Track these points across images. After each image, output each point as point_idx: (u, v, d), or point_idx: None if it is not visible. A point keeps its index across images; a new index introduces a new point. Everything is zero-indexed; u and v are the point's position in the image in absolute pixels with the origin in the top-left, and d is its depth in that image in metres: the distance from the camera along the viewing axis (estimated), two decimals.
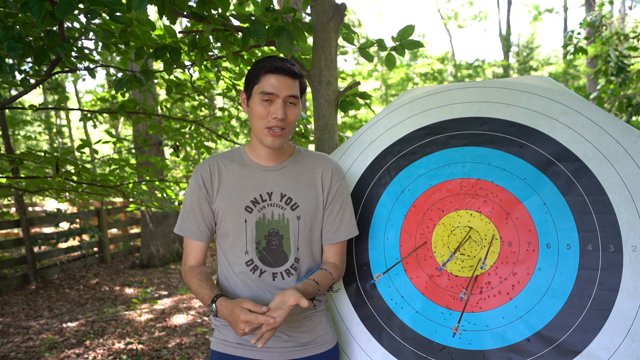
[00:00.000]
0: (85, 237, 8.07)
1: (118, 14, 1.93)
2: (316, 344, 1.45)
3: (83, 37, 2.58)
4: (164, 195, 3.99)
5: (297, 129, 3.52)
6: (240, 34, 2.24)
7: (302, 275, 1.46)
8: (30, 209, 10.55)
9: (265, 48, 3.14)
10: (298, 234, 1.43)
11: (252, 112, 1.38)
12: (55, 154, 2.96)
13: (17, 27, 2.12)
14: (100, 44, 2.71)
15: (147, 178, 3.86)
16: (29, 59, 2.39)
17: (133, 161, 8.75)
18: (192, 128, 4.28)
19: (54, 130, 15.70)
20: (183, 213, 1.45)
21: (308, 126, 3.45)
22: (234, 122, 4.95)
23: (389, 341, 1.52)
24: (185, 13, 2.20)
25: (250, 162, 1.45)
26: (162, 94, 8.70)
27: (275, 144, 1.38)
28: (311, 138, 3.56)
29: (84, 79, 13.97)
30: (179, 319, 4.90)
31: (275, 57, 1.37)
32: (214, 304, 1.29)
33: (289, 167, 1.46)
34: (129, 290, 6.32)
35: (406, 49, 2.26)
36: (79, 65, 2.57)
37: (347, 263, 1.62)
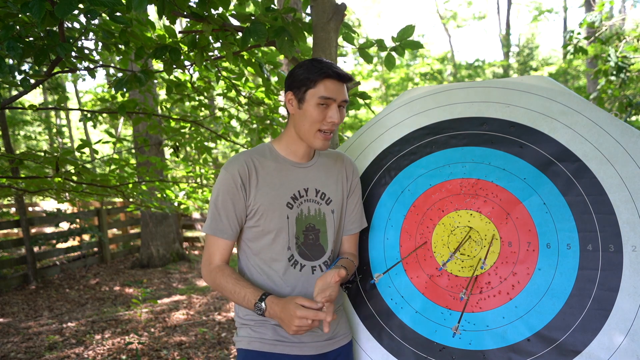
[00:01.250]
0: (85, 237, 8.07)
1: (118, 14, 1.93)
2: (339, 337, 1.51)
3: (83, 37, 2.58)
4: (164, 195, 3.99)
5: None
6: (240, 34, 2.24)
7: None
8: (30, 209, 10.54)
9: (265, 48, 3.14)
10: (334, 227, 1.51)
11: (304, 115, 1.39)
12: (55, 154, 2.96)
13: (17, 27, 2.11)
14: (100, 44, 2.71)
15: (147, 178, 3.86)
16: (29, 59, 2.39)
17: (133, 161, 8.75)
18: (192, 128, 4.27)
19: (54, 130, 15.70)
20: (214, 211, 1.41)
21: None
22: (233, 123, 4.95)
23: (389, 341, 1.52)
24: (185, 13, 2.20)
25: (284, 159, 1.47)
26: (162, 94, 8.70)
27: (325, 146, 1.42)
28: None
29: (84, 79, 13.97)
30: (179, 319, 4.90)
31: (331, 63, 1.39)
32: (262, 303, 1.29)
33: (317, 164, 1.51)
34: (129, 290, 6.32)
35: (406, 49, 2.27)
36: (78, 65, 2.57)
37: None
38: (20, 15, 2.07)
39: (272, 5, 2.31)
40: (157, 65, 4.01)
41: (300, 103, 1.39)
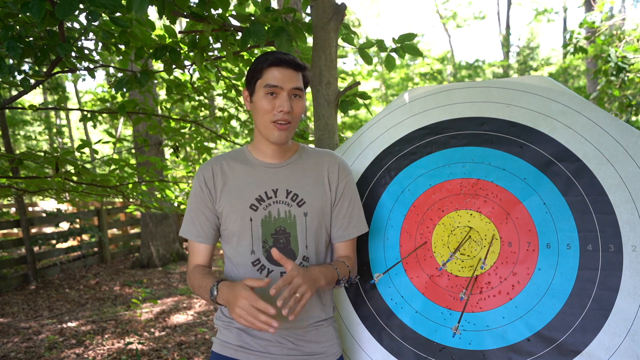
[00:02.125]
0: (85, 237, 8.07)
1: (118, 14, 1.93)
2: (320, 355, 1.40)
3: (83, 37, 2.58)
4: (164, 195, 3.99)
5: (296, 130, 3.52)
6: (240, 34, 2.24)
7: None
8: (30, 209, 10.54)
9: (265, 48, 3.14)
10: (306, 230, 1.40)
11: (256, 108, 1.36)
12: (55, 154, 2.96)
13: (17, 27, 2.12)
14: (100, 44, 2.72)
15: (147, 178, 3.86)
16: (29, 59, 2.39)
17: (133, 161, 8.75)
18: (192, 128, 4.27)
19: (54, 130, 15.70)
20: (187, 215, 1.43)
21: (310, 124, 3.45)
22: (233, 123, 4.95)
23: (389, 341, 1.52)
24: (185, 13, 2.20)
25: (254, 160, 1.42)
26: (162, 94, 8.70)
27: (281, 138, 1.34)
28: (310, 138, 3.56)
29: (84, 79, 13.97)
30: (179, 319, 4.90)
31: (277, 51, 1.35)
32: (215, 288, 1.25)
33: (293, 164, 1.44)
34: (129, 290, 6.32)
35: (406, 53, 2.27)
36: (78, 66, 2.57)
37: None
38: (20, 15, 2.07)
39: (272, 6, 2.31)
40: (157, 65, 4.01)
41: (252, 95, 1.37)
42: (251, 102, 1.38)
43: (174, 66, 2.63)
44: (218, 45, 2.60)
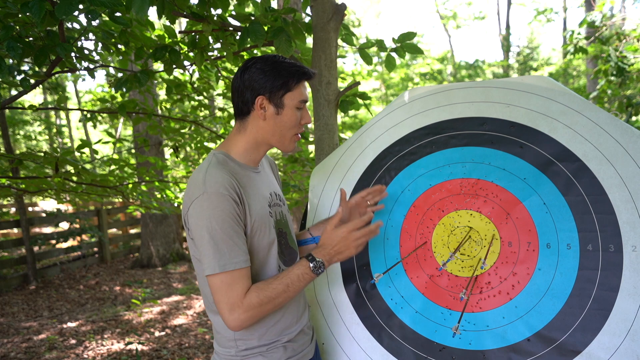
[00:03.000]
0: (85, 237, 8.07)
1: (118, 14, 1.93)
2: (314, 336, 1.51)
3: (83, 38, 2.57)
4: (164, 196, 3.99)
5: None
6: (239, 34, 2.24)
7: None
8: (30, 209, 10.55)
9: (264, 48, 3.14)
10: (292, 227, 1.48)
11: (282, 121, 1.30)
12: (55, 154, 2.96)
13: (17, 27, 2.11)
14: (100, 44, 2.72)
15: (147, 178, 3.86)
16: (29, 59, 2.39)
17: (133, 161, 8.75)
18: (192, 128, 4.28)
19: (54, 130, 15.71)
20: (227, 242, 1.18)
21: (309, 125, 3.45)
22: (233, 122, 4.94)
23: (389, 341, 1.52)
24: (184, 13, 2.20)
25: (246, 166, 1.35)
26: (161, 94, 8.70)
27: (296, 148, 1.37)
28: (310, 139, 3.56)
29: (83, 79, 13.98)
30: (178, 320, 4.90)
31: (301, 65, 1.31)
32: (315, 262, 1.24)
33: (262, 167, 1.44)
34: (129, 290, 6.32)
35: (407, 52, 2.27)
36: (78, 66, 2.57)
37: (347, 263, 1.64)
38: (20, 16, 2.07)
39: (272, 7, 2.31)
40: (157, 65, 4.02)
41: (278, 108, 1.29)
42: (276, 114, 1.30)
43: (174, 66, 2.63)
44: (218, 45, 2.60)
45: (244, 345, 1.30)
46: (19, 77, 2.37)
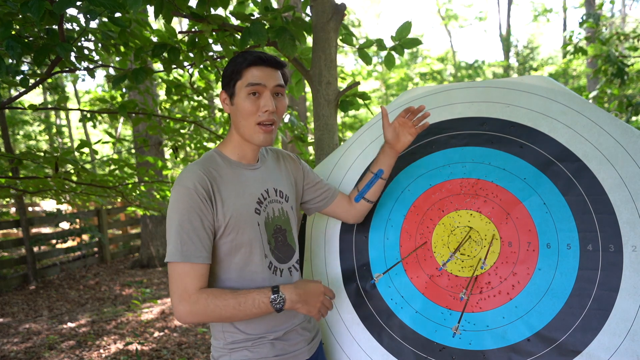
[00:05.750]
0: (85, 237, 8.07)
1: (118, 14, 1.92)
2: (318, 335, 1.50)
3: (82, 38, 2.57)
4: (164, 197, 3.98)
5: (295, 132, 3.52)
6: (239, 34, 2.24)
7: (302, 270, 1.49)
8: (30, 209, 10.54)
9: (266, 48, 3.13)
10: (296, 224, 1.47)
11: (238, 110, 1.31)
12: (55, 154, 2.96)
13: (17, 26, 2.11)
14: (99, 44, 2.71)
15: (147, 179, 3.86)
16: (29, 59, 2.39)
17: (133, 161, 8.75)
18: (192, 129, 4.27)
19: (54, 130, 15.71)
20: (181, 234, 1.21)
21: (308, 125, 3.45)
22: None
23: (389, 341, 1.52)
24: (184, 13, 2.19)
25: (237, 163, 1.35)
26: (161, 94, 8.70)
27: (267, 140, 1.33)
28: (310, 139, 3.55)
29: (83, 79, 13.97)
30: None
31: (253, 51, 1.32)
32: (278, 294, 1.21)
33: (264, 162, 1.43)
34: (129, 291, 6.32)
35: (405, 47, 2.26)
36: (78, 66, 2.56)
37: (347, 263, 1.64)
38: (19, 15, 2.07)
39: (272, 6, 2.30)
40: (157, 66, 4.02)
41: (232, 98, 1.32)
42: (232, 105, 1.32)
43: (173, 66, 2.63)
44: (218, 46, 2.60)
45: (231, 337, 1.32)
46: (18, 77, 2.37)
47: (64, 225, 7.83)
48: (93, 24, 2.51)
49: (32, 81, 2.35)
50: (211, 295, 1.20)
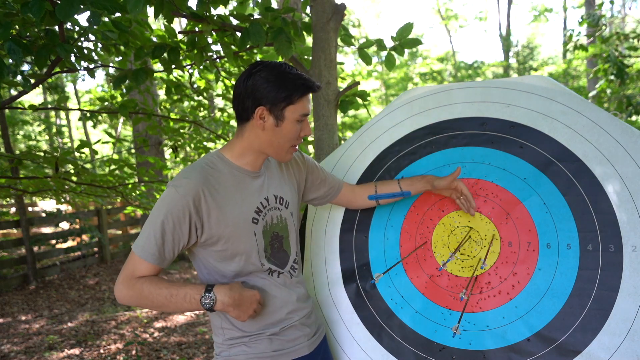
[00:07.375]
0: (85, 237, 8.07)
1: (118, 14, 1.92)
2: (320, 329, 1.50)
3: (82, 38, 2.57)
4: None
5: None
6: (239, 34, 2.24)
7: (302, 268, 1.47)
8: (30, 209, 10.55)
9: (266, 47, 3.14)
10: (294, 229, 1.45)
11: (280, 132, 1.28)
12: (55, 154, 2.96)
13: (17, 26, 2.11)
14: (99, 45, 2.71)
15: (147, 179, 3.86)
16: (29, 59, 2.38)
17: (133, 161, 8.75)
18: (192, 128, 4.28)
19: (54, 130, 15.71)
20: (152, 231, 1.22)
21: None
22: (233, 123, 4.94)
23: (389, 341, 1.52)
24: (184, 13, 2.20)
25: (240, 169, 1.33)
26: (161, 94, 8.70)
27: (292, 158, 1.40)
28: (310, 139, 3.55)
29: (83, 79, 13.98)
30: (178, 319, 4.90)
31: (306, 77, 1.29)
32: (210, 293, 1.21)
33: (268, 169, 1.42)
34: None
35: (405, 47, 2.26)
36: (77, 66, 2.57)
37: (347, 263, 1.64)
38: (20, 15, 2.07)
39: (272, 7, 2.30)
40: (157, 66, 4.02)
41: (278, 120, 1.27)
42: (276, 127, 1.28)
43: (173, 66, 2.63)
44: (218, 47, 2.60)
45: (229, 334, 1.35)
46: (18, 78, 2.37)
47: (64, 225, 7.83)
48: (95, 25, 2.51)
49: (32, 81, 2.35)
50: (148, 282, 1.23)
